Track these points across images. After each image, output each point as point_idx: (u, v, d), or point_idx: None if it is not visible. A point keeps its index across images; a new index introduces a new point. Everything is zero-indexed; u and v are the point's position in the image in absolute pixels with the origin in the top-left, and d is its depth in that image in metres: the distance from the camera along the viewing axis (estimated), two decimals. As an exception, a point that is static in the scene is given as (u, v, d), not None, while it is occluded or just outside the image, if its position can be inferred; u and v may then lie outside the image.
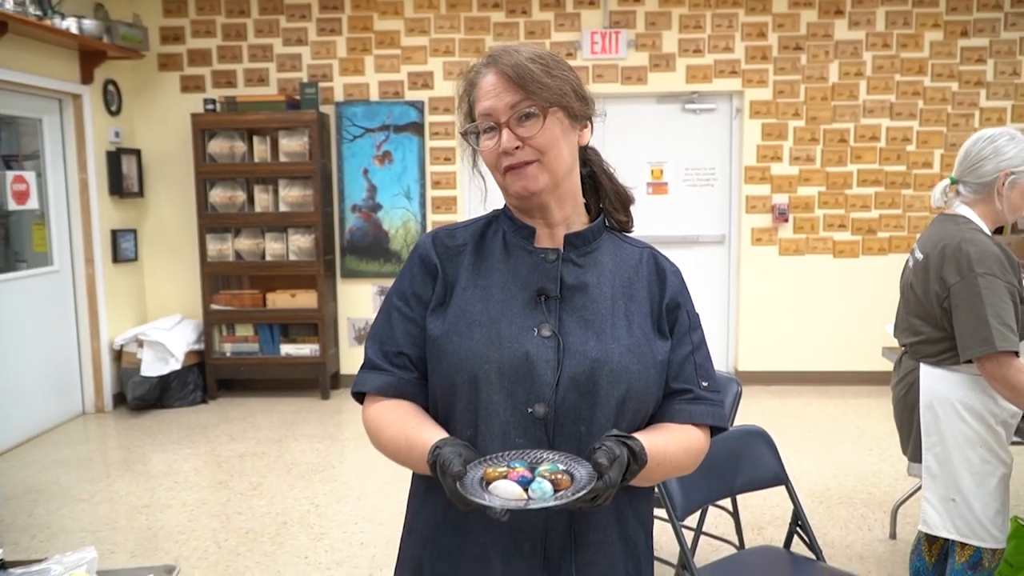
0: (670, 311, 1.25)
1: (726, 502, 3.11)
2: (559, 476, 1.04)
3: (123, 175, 5.55)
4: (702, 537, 3.16)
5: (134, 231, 5.75)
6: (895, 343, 2.64)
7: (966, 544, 2.32)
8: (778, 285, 5.72)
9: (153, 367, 5.37)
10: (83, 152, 5.28)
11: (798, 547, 2.40)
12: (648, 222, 5.77)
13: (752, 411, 5.17)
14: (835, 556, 3.24)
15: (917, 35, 5.51)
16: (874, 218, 5.66)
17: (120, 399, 5.54)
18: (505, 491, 1.02)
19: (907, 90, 5.55)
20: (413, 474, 1.28)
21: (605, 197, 1.32)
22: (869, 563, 3.18)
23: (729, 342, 5.93)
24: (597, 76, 5.63)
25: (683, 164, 5.78)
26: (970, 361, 2.23)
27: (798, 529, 2.41)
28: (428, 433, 1.14)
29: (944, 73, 5.53)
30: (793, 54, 5.56)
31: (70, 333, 5.32)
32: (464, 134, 1.23)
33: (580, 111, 1.24)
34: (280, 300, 5.62)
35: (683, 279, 1.29)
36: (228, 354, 5.67)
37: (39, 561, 1.42)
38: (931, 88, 5.55)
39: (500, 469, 1.05)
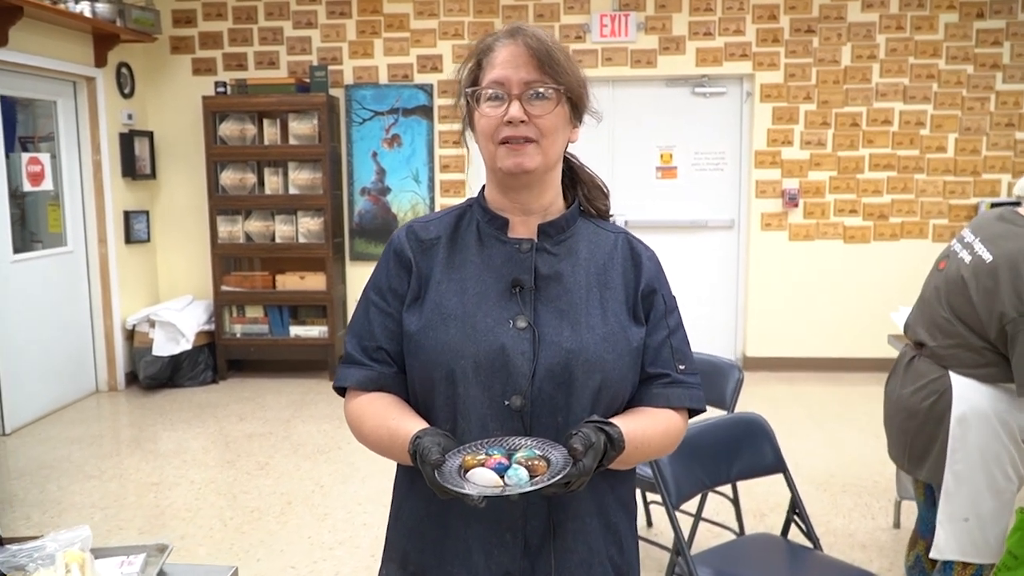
0: (645, 297, 1.25)
1: (727, 488, 3.12)
2: (535, 462, 1.06)
3: (136, 157, 5.59)
4: (703, 523, 3.19)
5: (146, 212, 5.80)
6: (901, 330, 2.50)
7: (968, 563, 2.24)
8: (787, 271, 5.70)
9: (164, 347, 5.43)
10: (96, 134, 5.32)
11: (797, 536, 2.41)
12: (657, 207, 5.76)
13: (759, 397, 5.16)
14: (837, 544, 3.24)
15: (932, 17, 5.43)
16: (886, 203, 5.61)
17: (132, 378, 5.62)
18: (482, 479, 1.04)
19: (921, 73, 5.48)
20: (398, 466, 1.31)
21: (583, 186, 1.32)
22: (871, 552, 3.19)
23: (737, 328, 5.92)
24: (606, 59, 5.60)
25: (692, 148, 5.75)
26: None
27: (795, 517, 2.41)
28: (409, 424, 1.16)
29: (959, 55, 5.45)
30: (805, 37, 5.50)
31: (84, 313, 5.39)
32: (468, 95, 1.22)
33: (582, 109, 1.26)
34: (289, 282, 5.67)
35: (659, 263, 1.30)
36: (238, 335, 5.73)
37: (35, 538, 1.45)
38: (946, 71, 5.47)
39: (479, 457, 1.07)
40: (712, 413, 2.71)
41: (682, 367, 1.25)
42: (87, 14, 4.90)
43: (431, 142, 5.71)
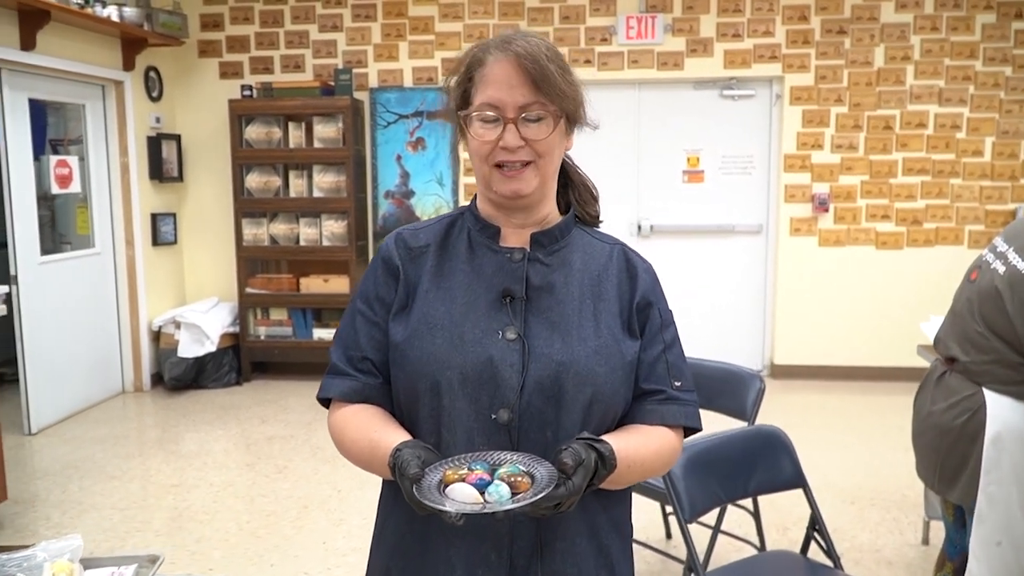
0: (640, 310, 1.21)
1: (747, 502, 3.04)
2: (518, 479, 1.01)
3: (163, 160, 5.64)
4: (725, 537, 3.11)
5: (173, 215, 5.85)
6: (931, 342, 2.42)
7: None
8: (817, 277, 5.57)
9: (189, 348, 5.47)
10: (124, 137, 5.38)
11: (819, 555, 2.32)
12: (683, 211, 5.68)
13: (787, 406, 5.06)
14: (863, 560, 3.14)
15: (968, 17, 5.28)
16: (920, 208, 5.47)
17: (158, 379, 5.67)
18: (462, 495, 0.99)
19: (957, 75, 5.33)
20: (383, 482, 1.27)
21: (575, 190, 1.29)
22: (897, 569, 3.08)
23: (765, 335, 5.80)
24: (632, 62, 5.52)
25: (720, 152, 5.65)
26: None
27: (815, 534, 2.34)
28: (391, 436, 1.12)
29: (997, 57, 5.29)
30: (836, 38, 5.38)
31: (111, 314, 5.45)
32: (462, 118, 1.18)
33: (580, 121, 1.22)
34: (313, 285, 5.67)
35: (655, 276, 1.26)
36: (262, 337, 5.75)
37: (26, 547, 1.44)
38: (983, 73, 5.31)
39: (460, 471, 1.03)
40: (732, 424, 2.64)
41: (678, 383, 1.21)
42: (114, 18, 4.94)
43: (455, 145, 5.68)
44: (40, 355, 4.71)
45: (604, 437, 1.09)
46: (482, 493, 0.99)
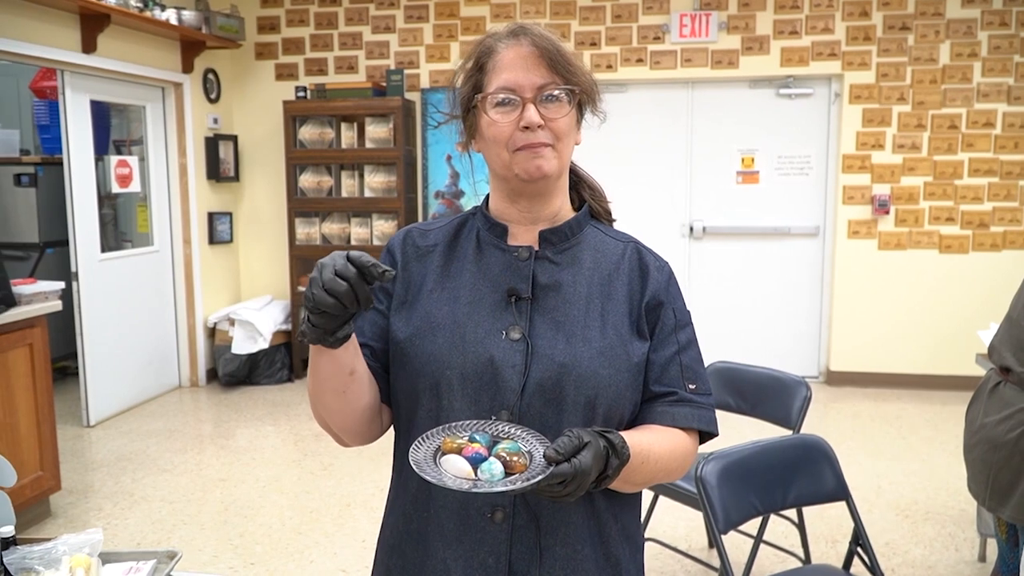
0: (651, 309, 1.17)
1: (792, 512, 2.95)
2: (515, 458, 0.97)
3: (220, 160, 5.76)
4: (770, 548, 3.02)
5: (229, 214, 5.97)
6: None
7: None
8: (876, 281, 5.39)
9: (243, 345, 5.58)
10: (183, 138, 5.51)
11: (864, 572, 2.23)
12: (737, 212, 5.56)
13: (844, 415, 4.91)
14: (914, 576, 3.02)
15: (1041, 12, 5.05)
16: (987, 211, 5.24)
17: (213, 374, 5.79)
18: (454, 467, 0.96)
19: (1028, 72, 5.10)
20: (391, 481, 1.26)
21: (585, 187, 1.26)
22: (951, 586, 2.95)
23: (821, 340, 5.63)
24: (686, 60, 5.42)
25: (776, 152, 5.51)
26: None
27: (858, 550, 2.24)
28: None
29: (1072, 53, 5.04)
30: (899, 34, 5.19)
31: (168, 310, 5.59)
32: (472, 105, 1.16)
33: (589, 111, 1.20)
34: (363, 284, 5.72)
35: (670, 275, 1.21)
36: (314, 335, 5.82)
37: (47, 540, 1.46)
38: (1056, 70, 5.07)
39: (458, 441, 1.00)
40: (776, 432, 2.56)
41: (692, 386, 1.16)
42: (173, 21, 5.06)
43: (505, 146, 5.66)
44: (99, 350, 4.86)
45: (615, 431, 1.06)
46: (476, 469, 0.96)
